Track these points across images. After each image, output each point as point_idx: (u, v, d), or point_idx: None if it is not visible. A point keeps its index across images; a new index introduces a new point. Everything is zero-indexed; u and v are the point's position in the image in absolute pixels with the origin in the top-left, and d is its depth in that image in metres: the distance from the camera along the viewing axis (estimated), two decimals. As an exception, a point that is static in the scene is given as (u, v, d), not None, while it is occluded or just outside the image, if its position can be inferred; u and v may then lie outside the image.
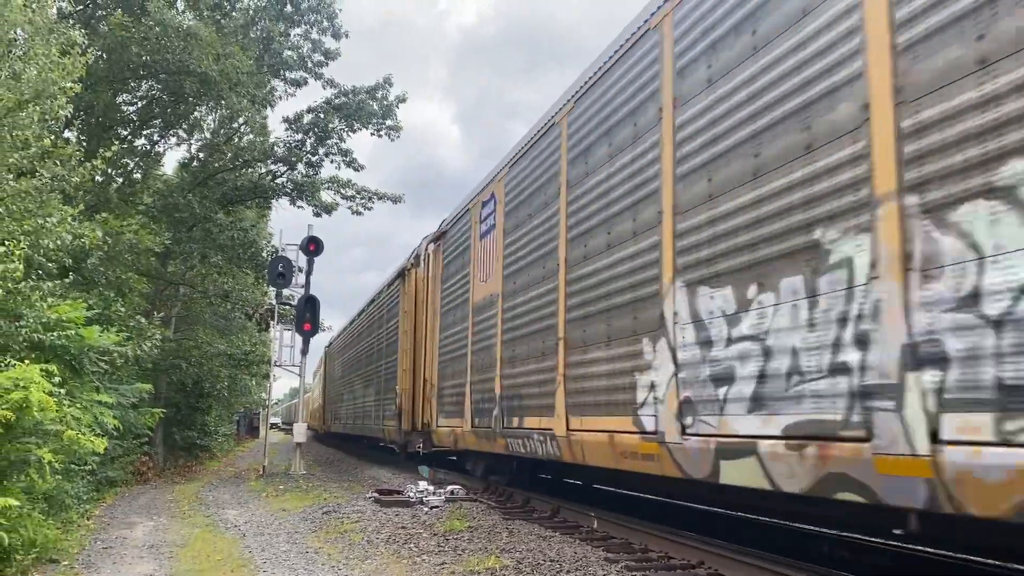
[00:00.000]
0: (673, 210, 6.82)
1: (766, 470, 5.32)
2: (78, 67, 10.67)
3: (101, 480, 13.76)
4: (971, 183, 4.09)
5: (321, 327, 25.26)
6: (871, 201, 4.69)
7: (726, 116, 6.17)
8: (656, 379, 6.85)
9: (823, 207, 5.07)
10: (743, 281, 5.80)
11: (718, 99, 6.29)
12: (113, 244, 13.48)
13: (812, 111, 5.24)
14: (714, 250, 6.19)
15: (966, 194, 4.12)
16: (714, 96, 6.36)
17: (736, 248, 5.92)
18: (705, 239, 6.31)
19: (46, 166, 10.39)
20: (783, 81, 5.54)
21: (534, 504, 11.42)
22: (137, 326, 14.01)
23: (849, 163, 4.89)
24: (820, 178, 5.13)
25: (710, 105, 6.41)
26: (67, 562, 7.95)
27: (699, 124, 6.55)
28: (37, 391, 7.02)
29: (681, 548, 7.51)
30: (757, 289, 5.62)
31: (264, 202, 23.11)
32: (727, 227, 6.05)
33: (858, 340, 4.67)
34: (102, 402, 9.74)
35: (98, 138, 17.16)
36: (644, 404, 7.07)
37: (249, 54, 16.94)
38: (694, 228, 6.49)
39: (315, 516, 11.22)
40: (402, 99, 21.18)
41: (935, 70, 4.35)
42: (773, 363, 5.38)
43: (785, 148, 5.48)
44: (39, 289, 9.44)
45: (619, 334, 7.65)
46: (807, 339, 5.09)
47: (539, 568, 7.15)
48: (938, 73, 4.34)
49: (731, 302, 5.88)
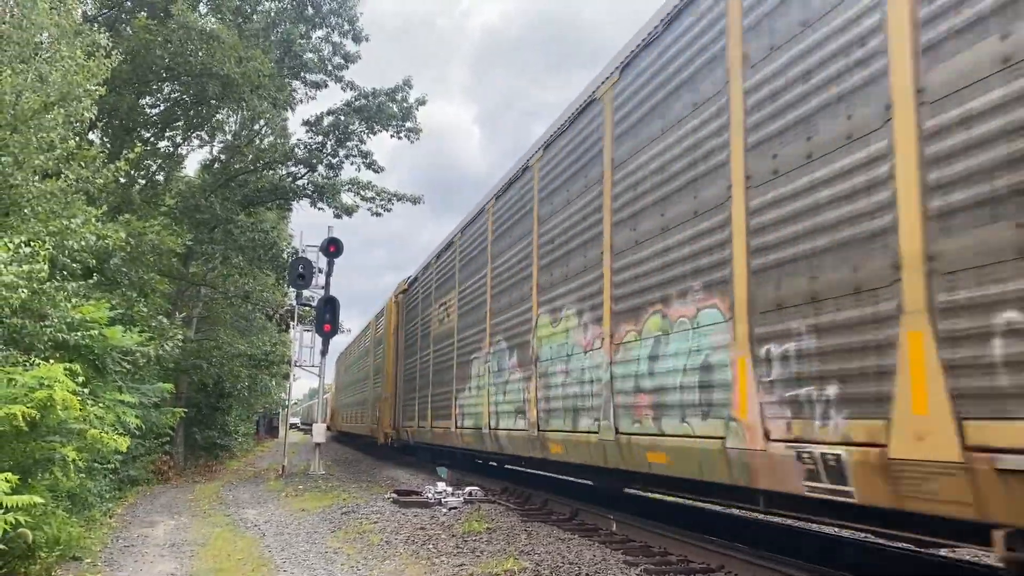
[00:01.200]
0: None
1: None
2: (103, 70, 10.79)
3: (123, 479, 13.89)
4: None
5: (340, 329, 25.38)
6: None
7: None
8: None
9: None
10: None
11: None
12: (136, 245, 13.61)
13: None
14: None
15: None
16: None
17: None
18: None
19: (71, 168, 10.52)
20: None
21: (552, 506, 11.40)
22: (159, 326, 14.14)
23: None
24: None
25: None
26: (90, 560, 8.03)
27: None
28: (61, 390, 7.09)
29: (701, 552, 7.46)
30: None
31: (284, 204, 23.27)
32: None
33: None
34: (124, 401, 9.83)
35: (121, 140, 17.36)
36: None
37: (270, 57, 17.07)
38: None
39: (334, 516, 11.26)
40: (422, 101, 21.25)
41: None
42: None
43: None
44: (63, 289, 9.55)
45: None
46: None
47: (558, 571, 7.13)
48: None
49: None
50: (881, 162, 4.57)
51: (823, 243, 4.98)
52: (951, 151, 4.14)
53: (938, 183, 4.20)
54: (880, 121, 4.61)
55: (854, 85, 4.86)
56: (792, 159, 5.33)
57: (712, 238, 6.24)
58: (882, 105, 4.61)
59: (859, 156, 4.75)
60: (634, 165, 7.74)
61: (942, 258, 4.15)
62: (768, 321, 5.46)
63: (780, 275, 5.36)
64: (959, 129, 4.11)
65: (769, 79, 5.66)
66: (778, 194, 5.42)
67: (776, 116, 5.54)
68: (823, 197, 5.01)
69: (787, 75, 5.46)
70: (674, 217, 6.87)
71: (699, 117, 6.59)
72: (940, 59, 4.27)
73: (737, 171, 5.96)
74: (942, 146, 4.19)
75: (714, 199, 6.25)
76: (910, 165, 4.37)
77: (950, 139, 4.15)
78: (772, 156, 5.55)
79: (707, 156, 6.42)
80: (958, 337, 4.03)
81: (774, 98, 5.59)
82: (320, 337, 21.03)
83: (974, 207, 3.99)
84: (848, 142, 4.85)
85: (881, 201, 4.55)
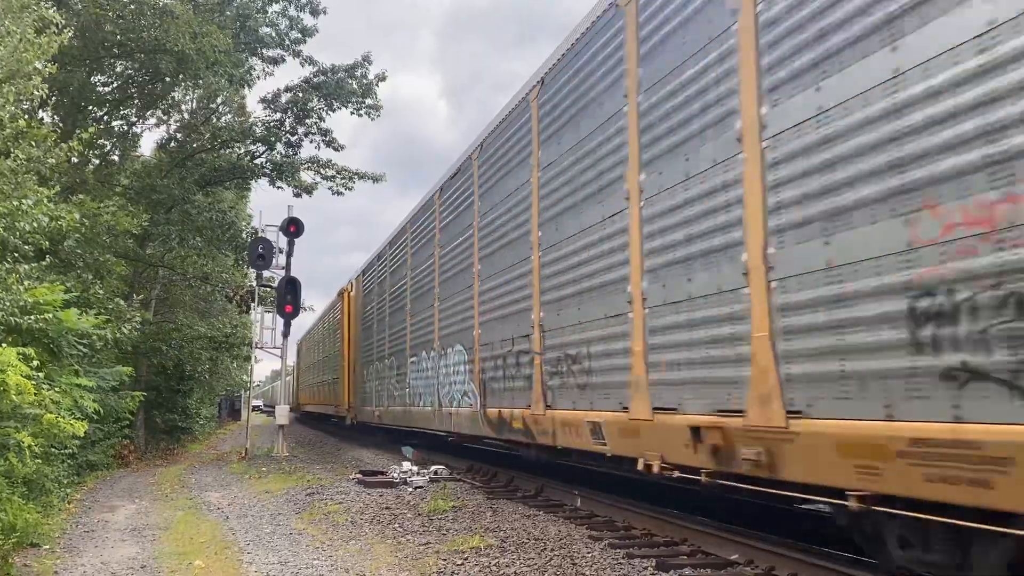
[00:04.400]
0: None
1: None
2: (53, 46, 10.48)
3: (82, 464, 13.68)
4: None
5: (304, 308, 25.16)
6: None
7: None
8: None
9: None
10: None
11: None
12: (90, 226, 13.30)
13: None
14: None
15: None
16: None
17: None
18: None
19: (21, 147, 10.22)
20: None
21: (518, 483, 11.48)
22: (116, 309, 13.88)
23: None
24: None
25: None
26: (48, 546, 7.91)
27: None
28: (15, 374, 6.94)
29: (664, 526, 7.58)
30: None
31: (243, 183, 22.90)
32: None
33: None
34: (82, 385, 9.65)
35: (73, 119, 16.91)
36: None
37: (226, 32, 16.69)
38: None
39: (298, 498, 11.22)
40: (382, 78, 20.96)
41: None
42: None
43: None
44: (15, 272, 9.32)
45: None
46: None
47: (524, 546, 7.19)
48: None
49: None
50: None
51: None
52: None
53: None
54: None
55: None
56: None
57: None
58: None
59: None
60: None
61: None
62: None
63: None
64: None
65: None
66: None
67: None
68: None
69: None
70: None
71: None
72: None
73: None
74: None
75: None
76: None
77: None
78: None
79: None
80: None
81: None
82: (282, 318, 20.83)
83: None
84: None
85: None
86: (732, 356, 5.38)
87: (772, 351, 4.96)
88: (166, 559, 7.38)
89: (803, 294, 4.74)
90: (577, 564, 6.47)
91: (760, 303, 5.10)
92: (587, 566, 6.40)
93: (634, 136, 6.79)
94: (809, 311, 4.69)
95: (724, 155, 5.58)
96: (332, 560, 7.02)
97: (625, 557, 6.64)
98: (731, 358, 5.39)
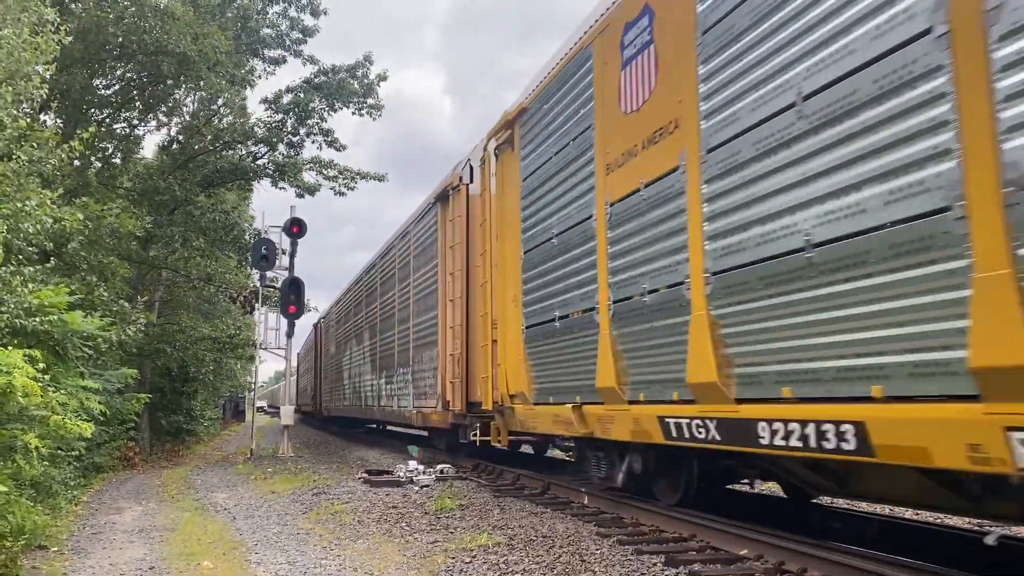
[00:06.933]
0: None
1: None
2: (52, 47, 10.45)
3: (88, 466, 13.67)
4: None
5: (307, 308, 25.16)
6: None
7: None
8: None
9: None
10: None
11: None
12: (94, 228, 13.29)
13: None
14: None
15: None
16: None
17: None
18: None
19: (23, 149, 10.21)
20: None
21: (524, 481, 11.46)
22: (120, 311, 13.87)
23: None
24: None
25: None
26: (56, 548, 7.90)
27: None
28: (21, 376, 6.92)
29: (671, 522, 7.56)
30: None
31: (245, 184, 22.86)
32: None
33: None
34: (87, 387, 9.64)
35: (75, 121, 16.88)
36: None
37: (227, 33, 16.66)
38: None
39: (305, 498, 11.21)
40: (383, 77, 20.92)
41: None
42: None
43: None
44: (20, 274, 9.30)
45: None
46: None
47: (532, 544, 7.17)
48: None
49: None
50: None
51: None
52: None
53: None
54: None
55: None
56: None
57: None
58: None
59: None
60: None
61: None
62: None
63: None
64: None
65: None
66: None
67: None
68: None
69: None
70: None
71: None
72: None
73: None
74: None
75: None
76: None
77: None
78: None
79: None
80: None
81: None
82: (285, 319, 20.83)
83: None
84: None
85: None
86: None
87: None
88: (174, 560, 7.37)
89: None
90: (586, 561, 6.45)
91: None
92: (596, 563, 6.38)
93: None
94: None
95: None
96: (340, 559, 7.01)
97: (634, 553, 6.62)
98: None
